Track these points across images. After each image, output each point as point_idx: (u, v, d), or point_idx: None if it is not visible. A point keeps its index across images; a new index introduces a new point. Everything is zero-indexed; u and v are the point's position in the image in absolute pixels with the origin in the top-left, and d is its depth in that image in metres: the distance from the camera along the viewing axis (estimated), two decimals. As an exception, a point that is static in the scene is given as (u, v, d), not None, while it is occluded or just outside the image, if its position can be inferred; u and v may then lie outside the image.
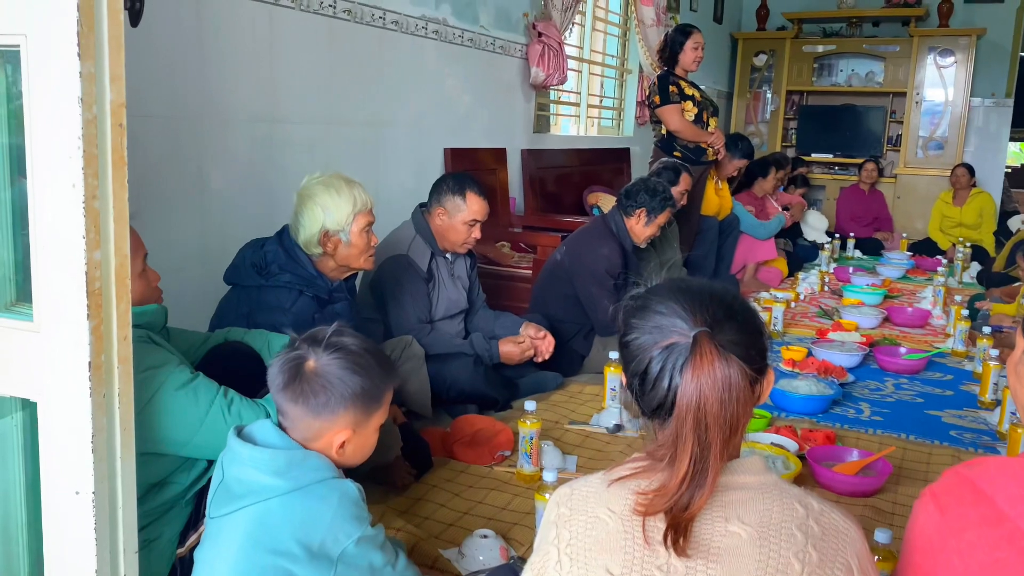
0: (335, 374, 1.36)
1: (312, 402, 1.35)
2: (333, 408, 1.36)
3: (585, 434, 2.66)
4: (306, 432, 1.38)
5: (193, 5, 2.63)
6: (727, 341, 1.01)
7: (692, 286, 1.08)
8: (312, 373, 1.36)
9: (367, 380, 1.38)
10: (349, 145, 3.39)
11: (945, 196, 6.92)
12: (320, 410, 1.35)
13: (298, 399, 1.35)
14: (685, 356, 1.00)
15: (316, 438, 1.38)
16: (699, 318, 1.02)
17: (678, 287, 1.08)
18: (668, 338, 1.02)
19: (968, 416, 3.02)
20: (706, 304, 1.04)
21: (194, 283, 2.69)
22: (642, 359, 1.04)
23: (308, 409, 1.35)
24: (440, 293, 2.86)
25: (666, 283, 1.11)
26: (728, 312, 1.04)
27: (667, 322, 1.03)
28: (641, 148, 6.27)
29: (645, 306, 1.07)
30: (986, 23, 7.49)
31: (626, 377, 1.09)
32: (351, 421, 1.38)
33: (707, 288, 1.08)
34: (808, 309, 4.75)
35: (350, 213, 2.19)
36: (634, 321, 1.07)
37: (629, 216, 3.27)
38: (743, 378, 1.00)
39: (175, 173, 2.65)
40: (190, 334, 1.86)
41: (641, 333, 1.05)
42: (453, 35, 3.95)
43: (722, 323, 1.03)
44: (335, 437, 1.38)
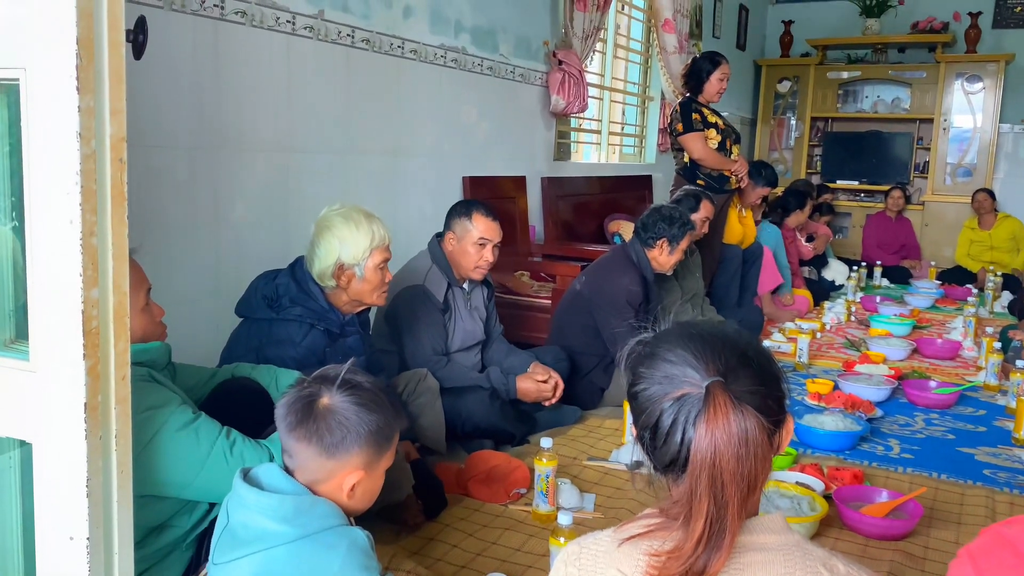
0: (351, 411, 1.31)
1: (327, 440, 1.30)
2: (348, 447, 1.31)
3: (604, 471, 2.59)
4: (316, 474, 1.32)
5: (211, 35, 2.63)
6: (742, 391, 0.95)
7: (703, 331, 1.02)
8: (326, 411, 1.31)
9: (382, 418, 1.33)
10: (367, 174, 3.37)
11: (971, 222, 6.81)
12: (334, 449, 1.30)
13: (311, 438, 1.30)
14: (698, 408, 0.94)
15: (327, 479, 1.32)
16: (712, 366, 0.96)
17: (688, 332, 1.02)
18: (679, 389, 0.96)
19: (1002, 454, 2.91)
20: (718, 351, 0.98)
21: (208, 315, 2.67)
22: (652, 411, 0.98)
23: (322, 448, 1.30)
24: (456, 324, 2.82)
25: (675, 328, 1.05)
26: (742, 359, 0.98)
27: (677, 371, 0.98)
28: (663, 175, 6.21)
29: (653, 354, 1.01)
30: (1014, 48, 7.38)
31: (636, 429, 1.03)
32: (364, 461, 1.33)
33: (719, 333, 1.02)
34: (834, 340, 4.65)
35: (367, 248, 2.16)
36: (642, 370, 1.01)
37: (651, 247, 3.22)
38: (760, 431, 0.94)
39: (190, 203, 2.64)
40: (197, 370, 1.82)
41: (650, 383, 0.99)
42: (472, 63, 3.94)
43: (736, 371, 0.97)
44: (346, 479, 1.32)
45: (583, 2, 4.53)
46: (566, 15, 4.49)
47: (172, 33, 2.50)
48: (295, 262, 2.23)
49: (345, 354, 2.13)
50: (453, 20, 3.77)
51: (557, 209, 4.67)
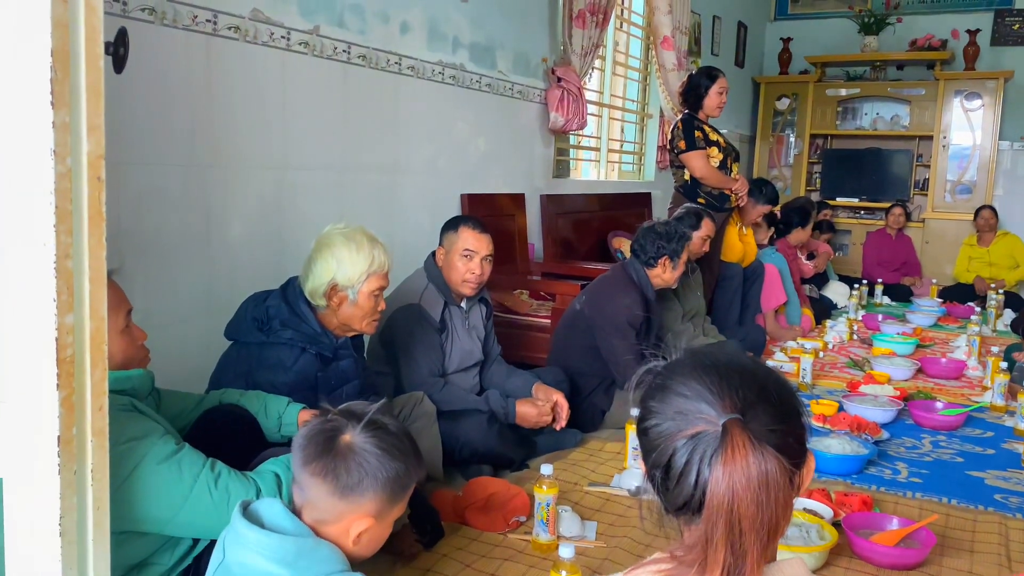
0: (373, 453, 1.24)
1: (343, 480, 1.23)
2: (363, 491, 1.24)
3: (606, 497, 2.51)
4: (325, 513, 1.25)
5: (203, 51, 2.58)
6: (762, 429, 0.88)
7: (719, 362, 0.95)
8: (347, 449, 1.24)
9: (402, 467, 1.26)
10: (363, 192, 3.32)
11: (970, 239, 6.80)
12: (349, 491, 1.23)
13: (327, 475, 1.23)
14: (714, 447, 0.87)
15: (335, 521, 1.25)
16: (728, 402, 0.89)
17: (702, 363, 0.95)
18: (693, 426, 0.90)
19: (1013, 478, 2.84)
20: (735, 384, 0.91)
21: (199, 336, 2.60)
22: (664, 449, 0.91)
23: (336, 488, 1.23)
24: (454, 344, 2.75)
25: (688, 359, 0.98)
26: (761, 393, 0.92)
27: (691, 407, 0.91)
28: (662, 192, 6.17)
29: (665, 386, 0.95)
30: (1013, 66, 7.37)
31: (645, 467, 0.96)
32: (376, 509, 1.26)
33: (736, 365, 0.95)
34: (837, 359, 4.59)
35: (364, 272, 2.10)
36: (653, 404, 0.95)
37: (653, 267, 3.16)
38: (782, 473, 0.87)
39: (182, 222, 2.58)
40: (183, 396, 1.75)
41: (662, 419, 0.93)
42: (471, 80, 3.90)
43: (755, 407, 0.90)
44: (355, 524, 1.25)
45: (582, 19, 4.50)
46: (565, 32, 4.45)
47: (163, 48, 2.45)
48: (287, 283, 2.16)
49: (338, 378, 2.06)
50: (451, 36, 3.73)
51: (556, 227, 4.62)
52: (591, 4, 4.54)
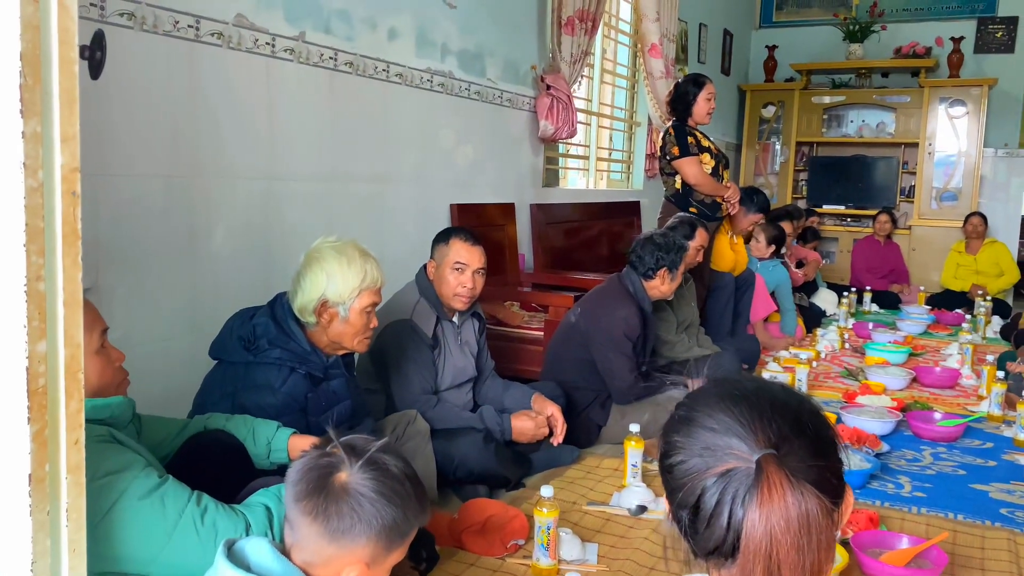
0: (368, 498, 1.14)
1: (333, 524, 1.13)
2: (355, 537, 1.14)
3: (606, 516, 2.43)
4: (314, 556, 1.16)
5: (185, 57, 2.49)
6: (799, 465, 0.80)
7: (747, 391, 0.88)
8: (341, 489, 1.14)
9: (400, 514, 1.16)
10: (351, 202, 3.23)
11: (958, 246, 6.80)
12: (339, 536, 1.14)
13: (316, 515, 1.13)
14: (747, 486, 0.80)
15: (323, 564, 1.16)
16: (761, 436, 0.82)
17: (730, 393, 0.87)
18: (723, 463, 0.82)
19: (1017, 491, 2.79)
20: (767, 416, 0.84)
21: (182, 354, 2.51)
22: (692, 489, 0.84)
23: (325, 530, 1.13)
24: (446, 361, 2.67)
25: (714, 388, 0.90)
26: (796, 425, 0.84)
27: (720, 441, 0.83)
28: (650, 201, 6.11)
29: (690, 419, 0.87)
30: (997, 73, 7.40)
31: (670, 506, 0.89)
32: (370, 555, 1.16)
33: (766, 393, 0.88)
34: (831, 369, 4.55)
35: (356, 287, 2.01)
36: (678, 439, 0.87)
37: (651, 279, 3.09)
38: (823, 513, 0.79)
39: (164, 235, 2.48)
40: (165, 422, 1.65)
41: (688, 455, 0.85)
42: (459, 88, 3.82)
43: (790, 440, 0.82)
44: (346, 570, 1.15)
45: (571, 26, 4.44)
46: (553, 39, 4.39)
47: (144, 55, 2.36)
48: (275, 300, 2.06)
49: (329, 399, 1.97)
50: (439, 43, 3.65)
51: (546, 237, 4.55)
52: (580, 11, 4.48)
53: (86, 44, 1.18)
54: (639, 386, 3.03)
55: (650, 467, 2.81)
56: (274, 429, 1.72)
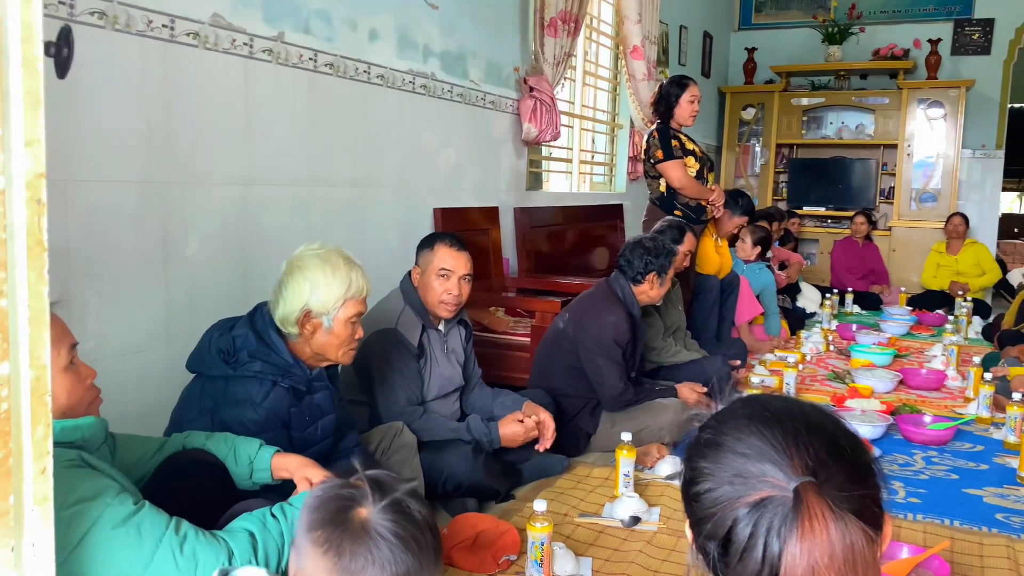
0: (387, 541, 1.04)
1: (345, 561, 1.03)
2: None
3: (599, 529, 2.37)
4: None
5: (160, 58, 2.40)
6: (839, 493, 0.74)
7: (779, 412, 0.81)
8: (360, 526, 1.04)
9: (416, 564, 1.06)
10: (332, 207, 3.14)
11: (939, 246, 6.82)
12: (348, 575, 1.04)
13: (329, 548, 1.04)
14: (782, 516, 0.73)
15: None
16: (798, 461, 0.76)
17: (760, 414, 0.81)
18: (756, 491, 0.75)
19: (1011, 495, 2.76)
20: (803, 439, 0.77)
21: (158, 366, 2.42)
22: (722, 519, 0.77)
23: (335, 566, 1.03)
24: (433, 370, 2.59)
25: (742, 408, 0.84)
26: (833, 448, 0.78)
27: (753, 468, 0.77)
28: (633, 203, 6.07)
29: (718, 443, 0.80)
30: (974, 75, 7.45)
31: (694, 536, 0.82)
32: None
33: (799, 414, 0.81)
34: (817, 371, 4.52)
35: (340, 297, 1.92)
36: (704, 465, 0.80)
37: (640, 283, 3.03)
38: (868, 545, 0.73)
39: (137, 243, 2.38)
40: (141, 441, 1.56)
41: (716, 483, 0.78)
42: (442, 90, 3.75)
43: (828, 466, 0.76)
44: None
45: (553, 27, 4.38)
46: (536, 40, 4.33)
47: (116, 56, 2.27)
48: (255, 310, 1.97)
49: (312, 413, 1.88)
50: (421, 44, 3.58)
51: (531, 241, 4.48)
52: (563, 12, 4.43)
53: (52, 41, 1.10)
54: (629, 393, 2.97)
55: (642, 476, 2.75)
56: (256, 447, 1.63)
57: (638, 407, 3.03)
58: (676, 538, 2.31)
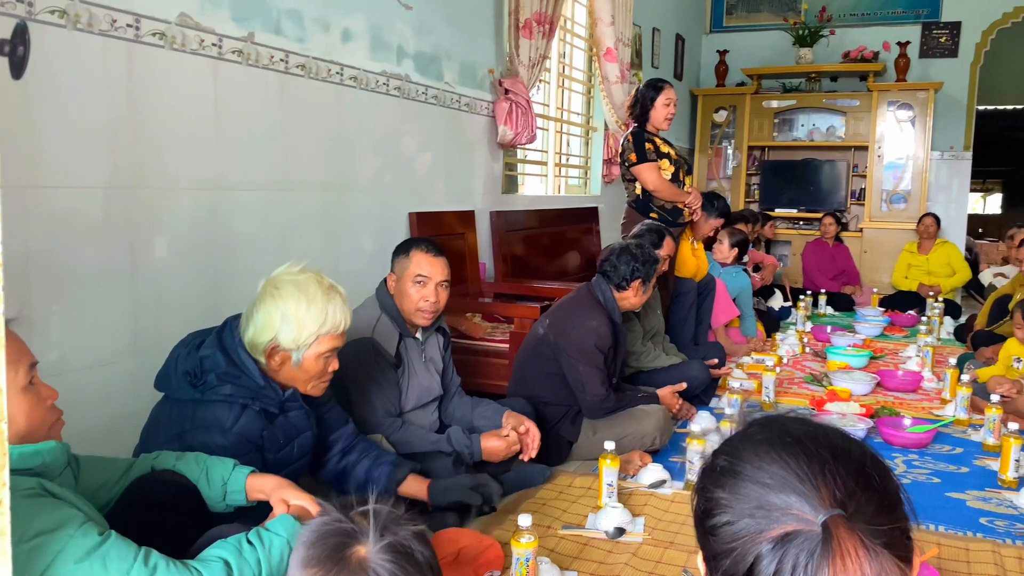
0: None
1: None
2: None
3: (583, 541, 2.32)
4: None
5: (124, 59, 2.30)
6: (870, 527, 0.69)
7: (800, 435, 0.76)
8: (358, 566, 0.98)
9: None
10: (304, 212, 3.06)
11: (910, 246, 6.88)
12: None
13: None
14: (811, 551, 0.68)
15: None
16: (826, 492, 0.70)
17: (781, 439, 0.75)
18: (781, 524, 0.70)
19: (993, 499, 2.75)
20: (829, 467, 0.72)
21: (124, 379, 2.32)
22: (742, 555, 0.71)
23: None
24: (411, 380, 2.52)
25: (761, 433, 0.78)
26: (861, 477, 0.72)
27: (776, 499, 0.71)
28: (607, 207, 6.05)
29: (736, 471, 0.75)
30: (942, 77, 7.53)
31: (709, 572, 0.76)
32: None
33: (823, 439, 0.76)
34: (794, 374, 4.51)
35: (313, 333, 1.79)
36: (721, 495, 0.74)
37: (624, 290, 2.99)
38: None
39: (101, 251, 2.28)
40: (107, 464, 1.47)
41: (735, 515, 0.73)
42: (416, 92, 3.68)
43: (858, 496, 0.71)
44: None
45: (528, 29, 4.33)
46: (511, 42, 4.28)
47: (78, 56, 2.17)
48: (224, 326, 1.85)
49: (287, 433, 1.79)
50: (395, 45, 3.51)
51: (507, 245, 4.43)
52: (537, 14, 4.38)
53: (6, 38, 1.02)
54: (611, 400, 2.92)
55: (625, 485, 2.71)
56: (230, 468, 1.54)
57: (620, 414, 2.98)
58: (662, 549, 2.27)
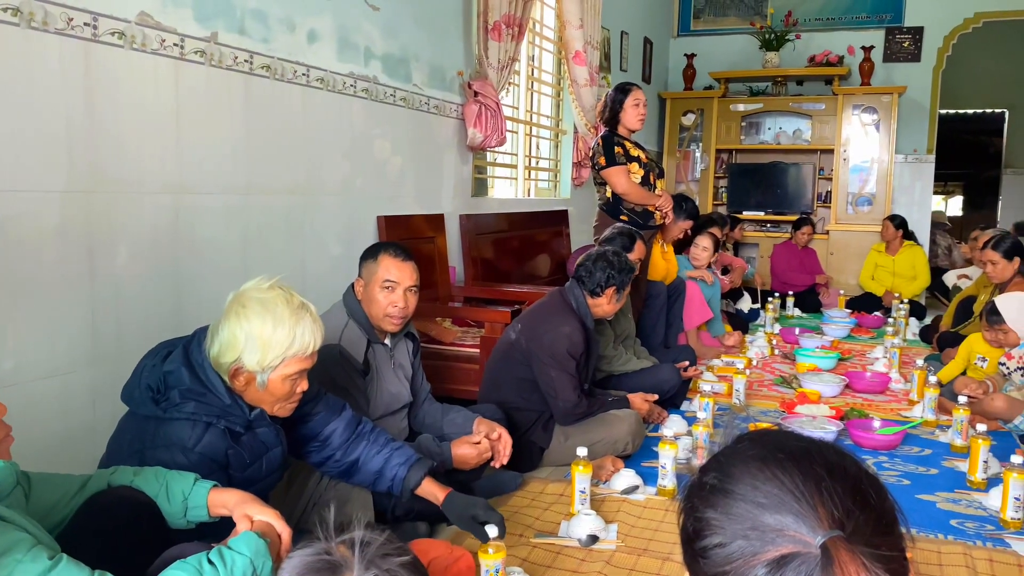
0: None
1: None
2: None
3: (556, 549, 2.28)
4: None
5: (80, 59, 2.23)
6: (869, 550, 0.67)
7: (793, 451, 0.73)
8: None
9: None
10: (269, 216, 2.99)
11: (879, 246, 6.96)
12: None
13: None
14: (811, 574, 0.65)
15: None
16: (824, 511, 0.67)
17: (774, 456, 0.72)
18: (776, 547, 0.67)
19: (962, 500, 2.77)
20: (825, 485, 0.69)
21: (82, 389, 2.25)
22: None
23: None
24: (380, 387, 2.47)
25: (752, 448, 0.75)
26: (858, 495, 0.70)
27: (771, 520, 0.68)
28: (577, 210, 6.04)
29: (727, 490, 0.71)
30: (905, 81, 7.64)
31: None
32: None
33: (816, 453, 0.73)
34: (764, 376, 4.53)
35: (279, 356, 1.69)
36: (712, 516, 0.71)
37: (598, 296, 2.96)
38: None
39: (60, 256, 2.21)
40: (60, 481, 1.41)
41: (729, 536, 0.70)
42: (384, 94, 3.63)
43: (856, 516, 0.68)
44: None
45: (497, 31, 4.30)
46: (480, 44, 4.24)
47: (33, 56, 2.10)
48: (191, 339, 1.77)
49: (255, 451, 1.73)
50: (362, 47, 3.45)
51: (477, 248, 4.39)
52: (506, 16, 4.35)
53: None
54: (583, 405, 2.90)
55: (598, 491, 2.68)
56: (191, 482, 1.48)
57: (592, 419, 2.96)
58: (635, 557, 2.25)
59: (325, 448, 2.03)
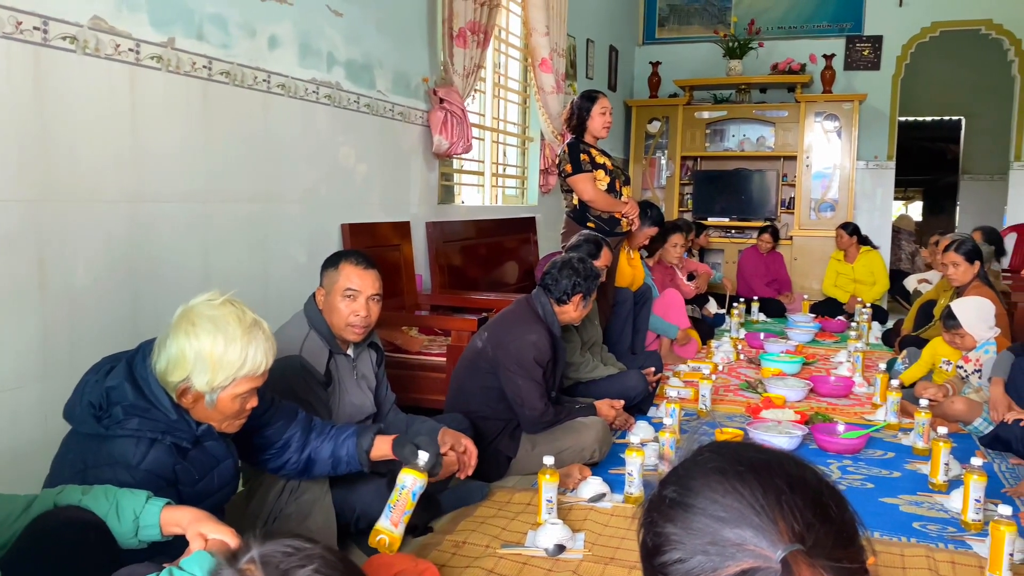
0: None
1: None
2: None
3: (523, 560, 2.26)
4: None
5: (30, 64, 2.17)
6: (831, 564, 0.66)
7: (753, 463, 0.71)
8: None
9: None
10: (229, 225, 2.94)
11: (837, 254, 7.07)
12: None
13: None
14: None
15: None
16: (783, 525, 0.66)
17: (733, 468, 0.71)
18: (736, 562, 0.66)
19: (924, 503, 2.80)
20: (785, 498, 0.68)
21: (33, 404, 2.18)
22: None
23: None
24: (342, 399, 2.43)
25: (712, 460, 0.73)
26: (819, 508, 0.69)
27: (730, 534, 0.67)
28: (544, 216, 6.04)
29: (685, 504, 0.70)
30: (865, 89, 7.76)
31: None
32: None
33: (776, 465, 0.72)
34: (729, 381, 4.56)
35: (230, 376, 1.62)
36: (672, 531, 0.70)
37: (564, 304, 2.95)
38: None
39: (9, 268, 2.14)
40: (4, 501, 1.35)
41: (687, 552, 0.68)
42: (348, 100, 3.59)
43: (816, 529, 0.67)
44: None
45: (463, 38, 4.28)
46: (445, 51, 4.22)
47: (-21, 61, 2.04)
48: (136, 353, 1.70)
49: (204, 465, 1.67)
50: (325, 52, 3.41)
51: (444, 256, 4.36)
52: (471, 23, 4.34)
53: None
54: (550, 413, 2.88)
55: (565, 499, 2.67)
56: (143, 500, 1.42)
57: (559, 427, 2.94)
58: (602, 566, 2.23)
59: (284, 453, 1.99)
